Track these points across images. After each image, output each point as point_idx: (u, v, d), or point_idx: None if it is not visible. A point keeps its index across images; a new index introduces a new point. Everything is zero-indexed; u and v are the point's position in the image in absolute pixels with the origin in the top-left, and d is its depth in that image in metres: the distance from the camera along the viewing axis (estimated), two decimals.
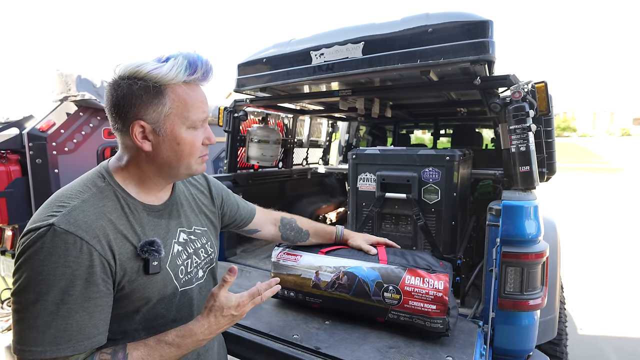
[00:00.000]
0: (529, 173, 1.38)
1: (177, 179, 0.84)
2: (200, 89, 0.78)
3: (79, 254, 0.63)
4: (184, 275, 0.83)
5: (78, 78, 2.60)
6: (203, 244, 0.92)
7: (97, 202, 0.70)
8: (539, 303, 1.27)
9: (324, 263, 1.31)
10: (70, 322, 0.62)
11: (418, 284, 1.18)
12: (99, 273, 0.65)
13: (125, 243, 0.71)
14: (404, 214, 1.72)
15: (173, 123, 0.74)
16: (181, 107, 0.74)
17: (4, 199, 2.36)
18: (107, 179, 0.75)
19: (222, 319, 0.76)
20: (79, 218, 0.65)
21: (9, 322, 2.65)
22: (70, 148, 2.61)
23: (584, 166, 18.49)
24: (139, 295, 0.73)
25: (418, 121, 3.87)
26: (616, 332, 2.95)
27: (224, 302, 0.76)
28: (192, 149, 0.77)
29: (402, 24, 1.48)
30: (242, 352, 1.25)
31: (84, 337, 0.64)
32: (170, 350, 0.71)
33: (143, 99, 0.70)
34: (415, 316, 1.19)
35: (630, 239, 5.69)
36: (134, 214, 0.75)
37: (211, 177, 1.08)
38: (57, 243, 0.62)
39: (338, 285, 1.28)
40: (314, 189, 3.54)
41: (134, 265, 0.72)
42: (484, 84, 1.47)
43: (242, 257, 2.20)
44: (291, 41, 1.81)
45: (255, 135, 2.54)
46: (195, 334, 0.74)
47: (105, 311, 0.68)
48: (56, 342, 0.61)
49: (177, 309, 0.81)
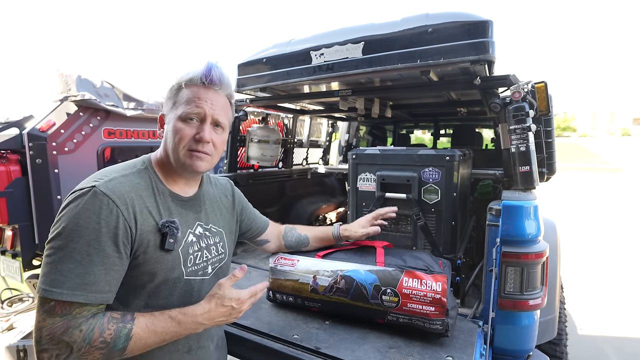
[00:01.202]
0: (529, 173, 1.38)
1: (177, 169, 0.89)
2: (203, 89, 0.87)
3: (109, 215, 0.73)
4: (192, 265, 0.89)
5: (78, 78, 2.61)
6: (216, 242, 0.98)
7: (133, 179, 0.82)
8: (539, 303, 1.27)
9: (321, 267, 1.31)
10: (89, 272, 0.70)
11: (416, 286, 1.18)
12: (122, 236, 0.74)
13: (149, 217, 0.80)
14: (404, 214, 1.72)
15: (174, 115, 0.86)
16: (182, 102, 0.85)
17: (4, 199, 2.36)
18: (147, 164, 0.88)
19: (222, 308, 0.82)
20: (116, 187, 0.77)
21: (9, 322, 2.66)
22: (70, 148, 2.61)
23: (584, 166, 18.49)
24: (148, 269, 0.80)
25: (418, 121, 3.87)
26: (616, 332, 2.95)
27: (227, 293, 0.83)
28: (179, 138, 0.84)
29: (402, 24, 1.48)
30: (242, 352, 1.25)
31: (96, 289, 0.71)
32: (171, 324, 0.77)
33: (167, 96, 0.89)
34: (414, 318, 1.18)
35: (630, 239, 5.69)
36: (161, 197, 0.85)
37: (234, 186, 1.18)
38: (94, 201, 0.73)
39: (336, 289, 1.27)
40: (314, 189, 3.54)
41: (152, 239, 0.80)
42: (484, 84, 1.47)
43: (242, 257, 2.20)
44: (291, 41, 1.81)
45: (255, 135, 2.54)
46: (195, 314, 0.79)
47: (118, 272, 0.76)
48: (73, 288, 0.69)
49: (178, 294, 0.86)
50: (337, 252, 1.38)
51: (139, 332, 0.73)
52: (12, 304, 3.07)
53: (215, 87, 0.88)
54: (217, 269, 0.98)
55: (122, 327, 0.72)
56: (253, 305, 0.92)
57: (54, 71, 2.58)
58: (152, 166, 0.88)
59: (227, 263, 1.04)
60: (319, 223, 3.24)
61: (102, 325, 0.71)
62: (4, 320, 2.71)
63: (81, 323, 0.70)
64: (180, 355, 0.89)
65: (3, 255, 2.63)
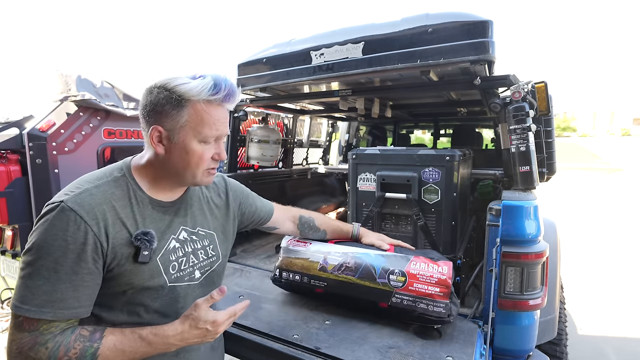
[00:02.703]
0: (529, 173, 1.38)
1: (184, 185, 0.89)
2: (221, 109, 0.83)
3: (76, 231, 0.71)
4: (176, 271, 0.86)
5: (78, 78, 2.60)
6: (204, 245, 0.94)
7: (107, 189, 0.79)
8: (539, 303, 1.27)
9: (333, 249, 1.37)
10: (56, 289, 0.70)
11: (423, 267, 1.24)
12: (90, 252, 0.72)
13: (122, 229, 0.78)
14: (404, 214, 1.72)
15: (186, 134, 0.80)
16: (196, 122, 0.80)
17: (4, 199, 2.36)
18: (125, 171, 0.84)
19: (195, 330, 0.78)
20: (84, 200, 0.74)
21: (9, 322, 2.65)
22: (70, 148, 2.61)
23: (584, 166, 18.48)
24: (125, 280, 0.78)
25: (418, 121, 3.87)
26: (616, 332, 2.95)
27: (202, 315, 0.78)
28: (199, 160, 0.83)
29: (402, 24, 1.48)
30: (242, 352, 1.25)
31: (64, 306, 0.71)
32: (141, 344, 0.75)
33: (165, 107, 0.79)
34: (418, 299, 1.20)
35: (630, 239, 5.69)
36: (139, 205, 0.82)
37: (230, 180, 1.13)
38: (62, 217, 0.71)
39: (345, 267, 1.31)
40: (314, 189, 3.54)
41: (125, 252, 0.77)
42: (484, 84, 1.47)
43: (242, 257, 2.20)
44: (291, 41, 1.81)
45: (255, 135, 2.54)
46: (167, 336, 0.77)
47: (90, 287, 0.74)
48: (41, 305, 0.69)
49: (161, 301, 0.84)
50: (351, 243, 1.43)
51: (105, 352, 0.72)
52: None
53: (230, 105, 0.85)
54: (209, 272, 0.95)
55: (89, 346, 0.72)
56: (253, 305, 0.92)
57: (54, 71, 2.58)
58: (130, 174, 0.84)
59: (220, 265, 1.00)
60: None
61: (69, 343, 0.71)
62: (4, 320, 2.71)
63: (48, 340, 0.70)
64: (168, 358, 0.87)
65: (3, 255, 2.63)
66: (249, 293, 1.59)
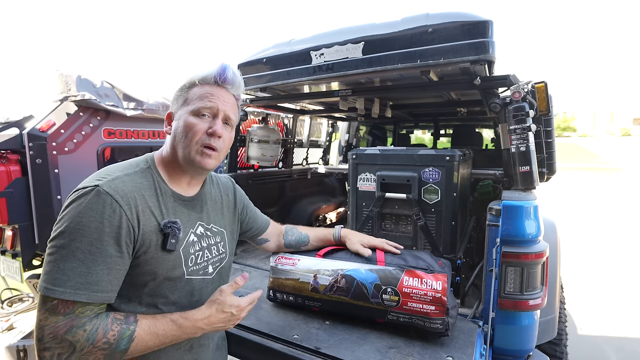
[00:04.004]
0: (529, 173, 1.38)
1: (185, 165, 0.88)
2: (219, 88, 0.89)
3: (112, 214, 0.73)
4: (193, 264, 0.89)
5: (78, 78, 2.60)
6: (217, 242, 0.98)
7: (136, 179, 0.82)
8: (539, 303, 1.27)
9: (322, 266, 1.31)
10: (91, 272, 0.70)
11: (416, 285, 1.18)
12: (124, 236, 0.74)
13: (151, 217, 0.80)
14: (404, 214, 1.72)
15: (185, 111, 0.87)
16: (195, 98, 0.87)
17: (4, 199, 2.35)
18: (150, 164, 0.88)
19: (221, 314, 0.83)
20: (119, 186, 0.76)
21: (9, 322, 2.65)
22: (70, 148, 2.61)
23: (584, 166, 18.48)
24: (150, 269, 0.80)
25: (418, 121, 3.87)
26: (616, 332, 2.95)
27: (227, 299, 0.84)
28: (190, 132, 0.85)
29: (402, 24, 1.48)
30: (242, 352, 1.25)
31: (99, 289, 0.71)
32: (172, 327, 0.78)
33: (176, 94, 0.90)
34: (414, 317, 1.18)
35: (630, 239, 5.69)
36: (163, 197, 0.85)
37: (236, 184, 1.17)
38: (97, 200, 0.72)
39: (337, 288, 1.27)
40: (314, 189, 3.54)
41: (153, 239, 0.80)
42: (484, 84, 1.47)
43: (242, 257, 2.20)
44: (291, 41, 1.81)
45: (255, 135, 2.54)
46: (196, 319, 0.81)
47: (120, 272, 0.76)
48: (76, 287, 0.69)
49: (179, 293, 0.87)
50: (338, 251, 1.37)
51: (141, 334, 0.74)
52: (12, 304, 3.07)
53: (227, 86, 0.90)
54: (219, 268, 0.99)
55: (126, 328, 0.73)
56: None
57: (54, 71, 2.58)
58: (155, 165, 0.88)
59: (228, 262, 1.04)
60: (319, 223, 3.24)
61: (106, 325, 0.71)
62: (4, 320, 2.71)
63: (85, 322, 0.70)
64: (182, 353, 0.89)
65: (3, 255, 2.63)
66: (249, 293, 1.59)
